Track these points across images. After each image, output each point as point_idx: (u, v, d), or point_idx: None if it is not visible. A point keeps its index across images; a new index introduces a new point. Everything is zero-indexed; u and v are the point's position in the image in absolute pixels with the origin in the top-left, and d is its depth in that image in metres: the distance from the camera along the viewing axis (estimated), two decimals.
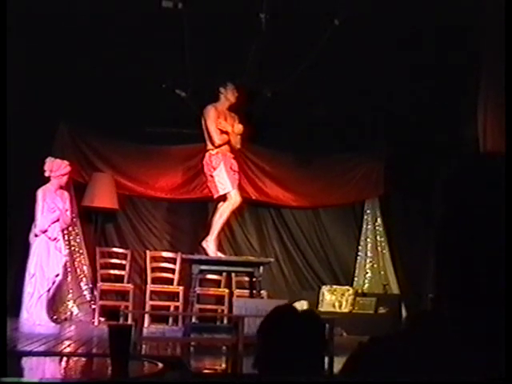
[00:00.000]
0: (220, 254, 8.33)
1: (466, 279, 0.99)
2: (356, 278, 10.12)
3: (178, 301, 9.28)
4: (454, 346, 0.96)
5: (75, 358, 4.11)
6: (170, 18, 7.51)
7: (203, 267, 8.01)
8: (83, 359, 4.11)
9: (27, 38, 7.85)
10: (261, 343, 2.28)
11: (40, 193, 7.70)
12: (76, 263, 9.10)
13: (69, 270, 8.66)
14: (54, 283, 7.68)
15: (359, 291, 9.82)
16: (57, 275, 7.69)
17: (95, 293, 8.96)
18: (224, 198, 8.23)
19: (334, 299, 9.56)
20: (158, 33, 7.83)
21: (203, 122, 8.23)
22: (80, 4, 7.57)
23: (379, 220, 10.30)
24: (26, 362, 3.71)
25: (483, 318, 0.97)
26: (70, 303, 8.91)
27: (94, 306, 8.89)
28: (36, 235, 7.65)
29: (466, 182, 1.04)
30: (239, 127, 8.30)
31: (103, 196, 9.13)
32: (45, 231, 7.65)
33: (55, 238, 7.74)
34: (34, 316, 7.42)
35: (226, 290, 9.50)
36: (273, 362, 2.18)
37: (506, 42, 5.86)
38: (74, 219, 8.90)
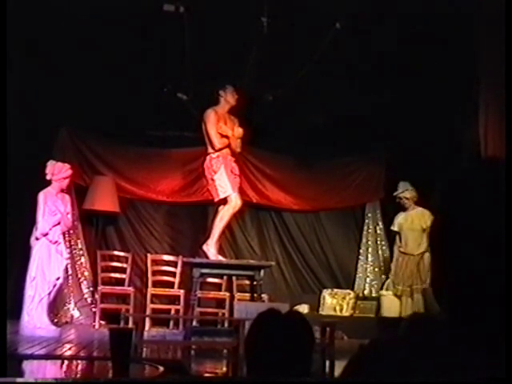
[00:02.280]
0: (221, 258, 8.33)
1: (465, 281, 1.00)
2: (357, 282, 10.11)
3: (178, 304, 9.27)
4: (453, 347, 0.96)
5: (76, 362, 4.11)
6: (172, 21, 7.52)
7: (204, 270, 8.01)
8: (84, 362, 4.11)
9: (27, 40, 7.86)
10: (250, 351, 2.29)
11: (41, 196, 7.69)
12: (77, 266, 9.09)
13: (70, 273, 8.65)
14: (54, 286, 7.67)
15: (360, 295, 9.82)
16: (57, 278, 7.68)
17: (96, 296, 8.95)
18: (224, 201, 8.23)
19: (334, 303, 9.55)
20: (159, 36, 7.85)
21: (203, 126, 8.23)
22: (81, 7, 7.59)
23: (380, 223, 10.29)
24: (27, 365, 3.71)
25: (483, 319, 0.97)
26: (71, 306, 8.90)
27: (94, 309, 8.89)
28: (37, 238, 7.64)
29: (465, 185, 1.04)
30: (239, 131, 8.31)
31: (104, 199, 9.13)
32: (46, 234, 7.65)
33: (56, 241, 7.73)
34: (34, 319, 7.41)
35: (227, 294, 9.49)
36: (265, 366, 2.19)
37: (505, 43, 5.86)
38: (75, 222, 8.89)
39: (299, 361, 2.19)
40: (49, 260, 7.62)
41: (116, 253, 9.62)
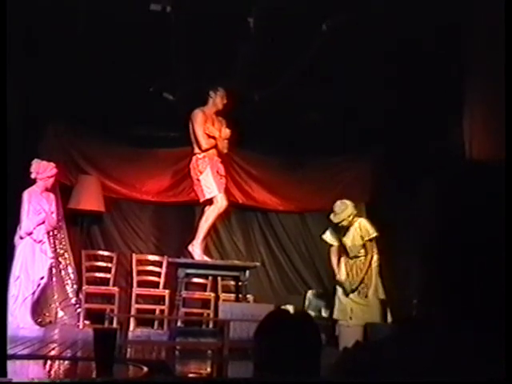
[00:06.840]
0: (206, 258, 8.32)
1: (463, 283, 0.99)
2: None
3: (163, 304, 9.25)
4: (441, 349, 0.96)
5: (59, 362, 4.08)
6: (159, 20, 7.51)
7: (189, 271, 8.00)
8: (68, 363, 4.08)
9: (14, 39, 7.81)
10: (258, 349, 2.26)
11: (26, 195, 7.66)
12: (61, 266, 9.04)
13: (54, 272, 8.61)
14: (38, 286, 7.64)
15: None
16: (42, 278, 7.65)
17: (80, 296, 8.91)
18: (210, 201, 8.22)
19: (319, 304, 9.55)
20: (146, 35, 7.82)
21: (190, 126, 8.22)
22: (67, 6, 7.55)
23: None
24: (10, 365, 3.68)
25: (481, 320, 0.97)
26: (55, 306, 8.85)
27: (79, 309, 8.84)
28: (21, 237, 7.61)
29: (458, 189, 1.04)
30: (226, 132, 8.30)
31: (89, 198, 9.10)
32: (30, 233, 7.61)
33: (40, 241, 7.70)
34: (18, 319, 7.37)
35: (212, 294, 9.47)
36: (273, 365, 2.17)
37: (505, 43, 5.86)
38: (60, 222, 8.85)
39: (308, 363, 2.17)
40: (33, 259, 7.59)
41: (101, 252, 9.59)
